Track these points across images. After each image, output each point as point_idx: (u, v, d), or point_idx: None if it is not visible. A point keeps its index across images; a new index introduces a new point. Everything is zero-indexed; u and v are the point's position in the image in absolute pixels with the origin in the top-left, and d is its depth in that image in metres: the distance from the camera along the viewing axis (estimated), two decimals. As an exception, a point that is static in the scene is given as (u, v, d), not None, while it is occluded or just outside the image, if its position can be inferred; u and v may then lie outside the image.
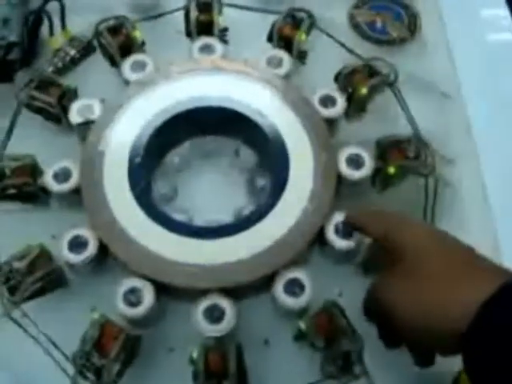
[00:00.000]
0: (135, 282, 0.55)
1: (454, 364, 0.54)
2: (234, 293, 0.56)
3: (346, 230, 0.57)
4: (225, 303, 0.54)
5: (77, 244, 0.56)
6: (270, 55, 0.65)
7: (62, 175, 0.59)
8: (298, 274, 0.55)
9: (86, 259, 0.56)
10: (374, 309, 0.51)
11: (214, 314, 0.54)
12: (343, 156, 0.60)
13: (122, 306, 0.54)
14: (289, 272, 0.55)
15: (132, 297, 0.54)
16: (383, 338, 0.52)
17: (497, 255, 0.60)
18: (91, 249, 0.56)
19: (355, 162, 0.60)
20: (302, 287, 0.55)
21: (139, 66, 0.65)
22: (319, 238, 0.58)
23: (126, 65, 0.65)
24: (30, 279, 0.54)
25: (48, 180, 0.59)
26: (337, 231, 0.57)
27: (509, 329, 0.39)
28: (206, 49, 0.66)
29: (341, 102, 0.63)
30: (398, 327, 0.46)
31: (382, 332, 0.52)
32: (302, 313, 0.55)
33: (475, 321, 0.40)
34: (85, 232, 0.57)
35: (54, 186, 0.59)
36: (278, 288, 0.55)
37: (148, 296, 0.54)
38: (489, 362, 0.40)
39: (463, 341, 0.41)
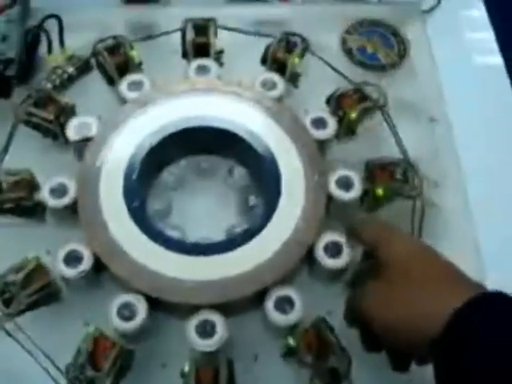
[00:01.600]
0: (129, 297, 0.56)
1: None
2: (225, 309, 0.57)
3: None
4: (216, 318, 0.55)
5: (72, 258, 0.57)
6: (263, 78, 0.67)
7: (59, 191, 0.60)
8: (289, 291, 0.57)
9: (81, 273, 0.57)
10: (355, 315, 0.53)
11: (206, 329, 0.55)
12: (333, 178, 0.62)
13: (116, 320, 0.55)
14: (279, 289, 0.57)
15: (125, 311, 0.55)
16: (364, 343, 0.54)
17: (481, 273, 0.62)
18: (86, 263, 0.57)
19: (345, 183, 0.61)
20: (292, 304, 0.56)
21: (136, 85, 0.67)
22: (309, 257, 0.59)
23: (124, 84, 0.67)
24: (26, 292, 0.55)
25: (45, 195, 0.60)
26: (326, 250, 0.59)
27: (472, 337, 0.42)
28: (202, 70, 0.68)
29: (332, 125, 0.64)
30: (377, 333, 0.49)
31: (363, 336, 0.54)
32: (291, 329, 0.56)
33: (444, 329, 0.43)
34: (80, 247, 0.58)
35: (51, 202, 0.60)
36: (269, 305, 0.56)
37: (141, 311, 0.55)
38: (454, 368, 0.43)
39: (433, 348, 0.44)
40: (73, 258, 0.57)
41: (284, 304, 0.56)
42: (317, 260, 0.58)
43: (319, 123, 0.65)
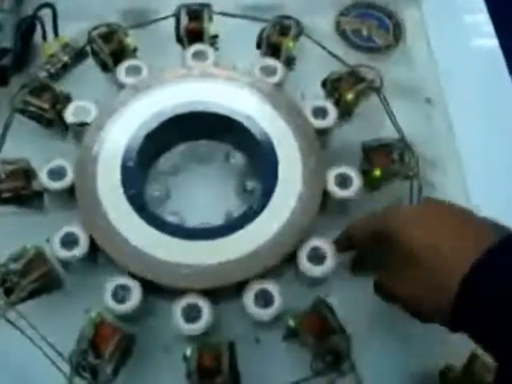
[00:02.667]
0: (124, 280, 0.56)
1: (440, 363, 0.57)
2: (225, 292, 0.57)
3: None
4: (202, 303, 0.55)
5: (69, 241, 0.57)
6: (263, 64, 0.67)
7: (57, 173, 0.60)
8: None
9: (78, 256, 0.57)
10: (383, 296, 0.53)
11: (192, 314, 0.55)
12: (332, 175, 0.61)
13: (111, 302, 0.55)
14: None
15: (120, 293, 0.56)
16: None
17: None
18: (83, 246, 0.57)
19: (343, 181, 0.61)
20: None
21: (134, 71, 0.67)
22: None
23: (121, 69, 0.66)
24: (26, 280, 0.55)
25: (43, 178, 0.60)
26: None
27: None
28: (199, 55, 0.68)
29: (333, 113, 0.64)
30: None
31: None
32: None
33: (474, 268, 0.43)
34: (76, 229, 0.58)
35: (49, 184, 0.60)
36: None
37: (135, 293, 0.56)
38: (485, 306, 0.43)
39: (460, 286, 0.44)
40: (70, 241, 0.57)
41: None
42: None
43: (319, 112, 0.64)
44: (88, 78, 0.71)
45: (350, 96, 0.64)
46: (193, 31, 0.69)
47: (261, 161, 0.63)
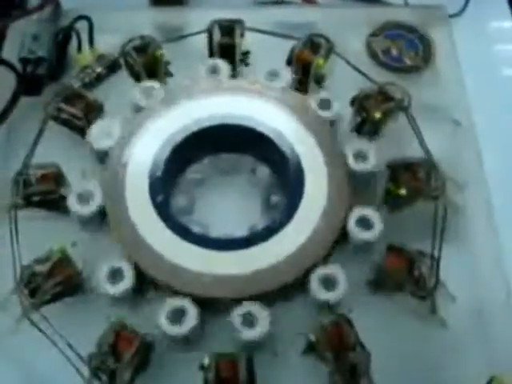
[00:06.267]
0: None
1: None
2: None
3: None
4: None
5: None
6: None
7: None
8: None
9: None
10: None
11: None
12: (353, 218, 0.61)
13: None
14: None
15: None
16: None
17: (503, 281, 0.62)
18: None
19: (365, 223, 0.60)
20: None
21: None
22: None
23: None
24: (51, 283, 0.56)
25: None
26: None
27: None
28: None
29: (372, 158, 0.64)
30: None
31: None
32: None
33: None
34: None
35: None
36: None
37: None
38: None
39: None
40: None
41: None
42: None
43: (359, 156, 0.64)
44: (120, 90, 0.72)
45: (377, 114, 0.65)
46: (225, 47, 0.70)
47: (287, 175, 0.64)
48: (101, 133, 0.65)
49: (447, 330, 0.59)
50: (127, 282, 0.57)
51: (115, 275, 0.58)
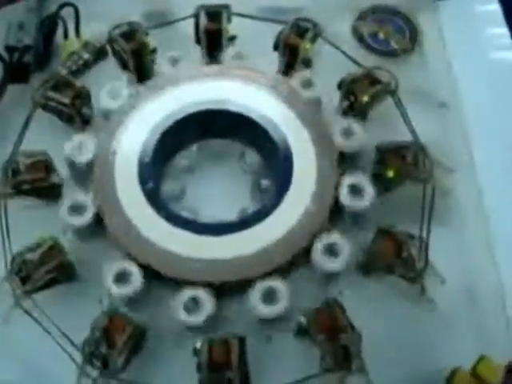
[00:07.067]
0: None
1: (448, 363, 0.57)
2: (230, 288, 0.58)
3: None
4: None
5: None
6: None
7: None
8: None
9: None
10: None
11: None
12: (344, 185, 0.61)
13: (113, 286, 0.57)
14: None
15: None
16: None
17: (491, 262, 0.63)
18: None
19: (357, 190, 0.61)
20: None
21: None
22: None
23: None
24: (42, 270, 0.56)
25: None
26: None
27: None
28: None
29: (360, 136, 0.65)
30: None
31: None
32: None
33: None
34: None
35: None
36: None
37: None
38: None
39: None
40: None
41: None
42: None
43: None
44: (107, 77, 0.72)
45: (365, 98, 0.65)
46: (211, 32, 0.70)
47: (276, 160, 0.64)
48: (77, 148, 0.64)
49: (437, 310, 0.59)
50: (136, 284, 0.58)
51: (120, 278, 0.58)
